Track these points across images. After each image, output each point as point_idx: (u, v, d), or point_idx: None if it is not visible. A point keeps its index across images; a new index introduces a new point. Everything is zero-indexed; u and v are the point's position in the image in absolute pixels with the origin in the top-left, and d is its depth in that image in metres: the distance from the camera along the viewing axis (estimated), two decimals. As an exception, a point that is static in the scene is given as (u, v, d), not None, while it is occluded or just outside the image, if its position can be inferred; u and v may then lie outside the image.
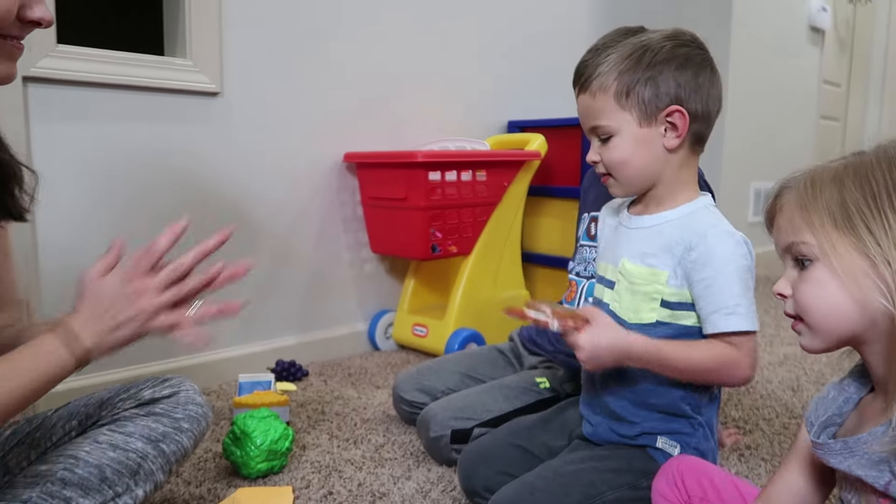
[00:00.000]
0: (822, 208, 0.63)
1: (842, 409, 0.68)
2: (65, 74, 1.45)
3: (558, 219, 2.21)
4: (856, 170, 0.62)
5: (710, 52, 0.99)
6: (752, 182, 3.68)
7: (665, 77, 0.93)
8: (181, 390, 0.98)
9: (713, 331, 0.92)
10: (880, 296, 0.60)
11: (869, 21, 4.54)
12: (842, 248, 0.61)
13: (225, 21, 1.69)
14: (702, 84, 0.95)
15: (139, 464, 0.88)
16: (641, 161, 0.96)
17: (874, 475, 0.60)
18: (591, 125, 0.98)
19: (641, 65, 0.93)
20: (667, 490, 0.82)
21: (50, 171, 1.45)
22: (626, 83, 0.93)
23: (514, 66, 2.43)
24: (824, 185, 0.63)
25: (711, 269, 0.91)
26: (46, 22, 0.75)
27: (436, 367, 1.46)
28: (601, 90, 0.95)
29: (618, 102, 0.94)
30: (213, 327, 0.88)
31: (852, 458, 0.62)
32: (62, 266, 1.49)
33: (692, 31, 0.99)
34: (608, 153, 0.97)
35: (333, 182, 1.97)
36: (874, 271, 0.60)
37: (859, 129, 4.68)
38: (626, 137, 0.95)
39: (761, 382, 1.76)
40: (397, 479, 1.22)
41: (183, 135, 1.66)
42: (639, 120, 0.94)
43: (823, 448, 0.65)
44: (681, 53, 0.94)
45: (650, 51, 0.93)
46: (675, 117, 0.94)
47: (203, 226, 1.70)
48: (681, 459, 0.86)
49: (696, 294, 0.93)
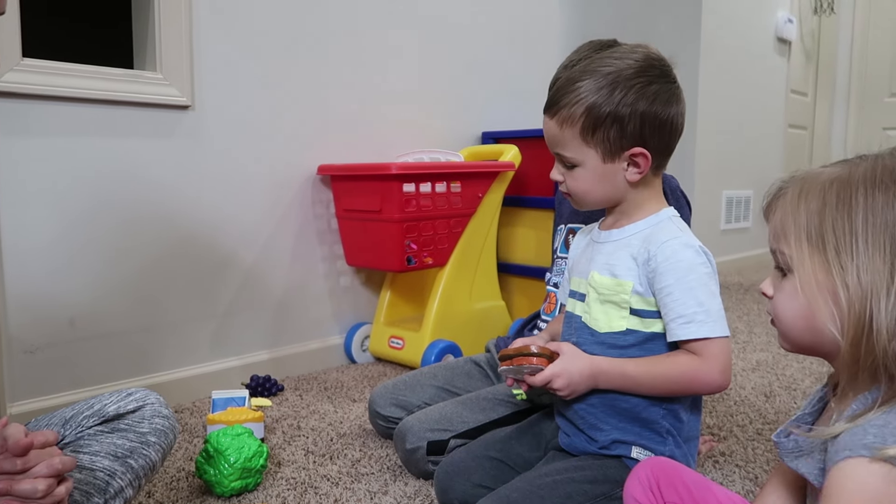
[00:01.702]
0: (802, 222, 0.64)
1: (814, 406, 0.70)
2: (31, 89, 1.43)
3: (533, 229, 2.22)
4: (840, 186, 0.62)
5: (680, 63, 1.01)
6: (724, 190, 3.73)
7: (632, 118, 0.94)
8: (146, 404, 0.97)
9: (672, 338, 0.94)
10: (831, 324, 0.61)
11: (833, 32, 4.66)
12: (810, 265, 0.62)
13: (196, 34, 1.68)
14: (666, 120, 0.97)
15: (107, 482, 0.87)
16: (603, 192, 1.00)
17: (815, 473, 0.62)
18: (555, 151, 1.02)
19: (610, 103, 0.94)
20: (640, 495, 0.82)
21: (16, 187, 1.44)
22: (593, 121, 0.95)
23: (487, 78, 2.44)
24: (810, 197, 0.64)
25: (670, 277, 0.93)
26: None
27: (411, 381, 1.45)
28: (569, 123, 0.97)
29: (583, 138, 0.96)
30: (187, 341, 0.85)
31: (797, 453, 0.64)
32: (27, 281, 1.47)
33: (659, 54, 1.00)
34: (572, 181, 1.01)
35: (307, 195, 1.96)
36: (833, 296, 0.61)
37: (826, 137, 4.79)
38: (590, 170, 0.98)
39: (735, 389, 1.78)
40: (374, 494, 1.21)
41: (154, 148, 1.64)
42: (602, 156, 0.97)
43: (780, 447, 0.67)
44: (650, 92, 0.95)
45: (619, 89, 0.94)
46: (638, 158, 0.97)
47: (177, 239, 1.69)
48: (653, 462, 0.86)
49: (658, 302, 0.96)
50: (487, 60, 2.44)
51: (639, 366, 0.95)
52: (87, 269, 1.55)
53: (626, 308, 0.97)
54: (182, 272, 1.72)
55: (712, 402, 1.67)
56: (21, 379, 1.47)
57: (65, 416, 0.94)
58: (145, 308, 1.65)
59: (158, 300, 1.68)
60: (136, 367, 1.64)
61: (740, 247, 3.91)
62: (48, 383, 1.51)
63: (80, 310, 1.55)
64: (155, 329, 1.67)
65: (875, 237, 0.59)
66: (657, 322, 0.97)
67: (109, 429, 0.92)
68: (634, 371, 0.95)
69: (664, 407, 0.99)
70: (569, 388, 0.96)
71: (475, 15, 2.38)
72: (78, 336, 1.55)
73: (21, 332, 1.47)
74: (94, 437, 0.91)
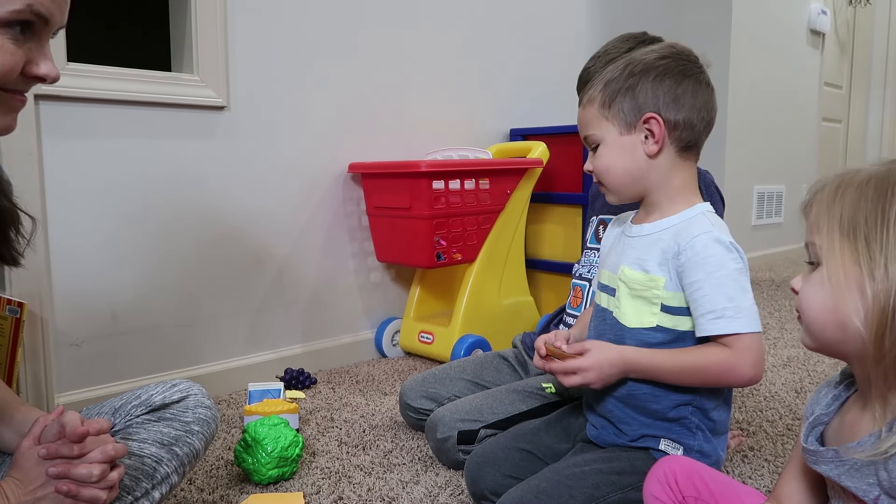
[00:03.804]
0: (836, 214, 0.63)
1: (829, 406, 0.69)
2: (75, 92, 1.48)
3: (561, 225, 2.24)
4: (878, 181, 0.62)
5: (710, 58, 1.04)
6: (755, 185, 3.69)
7: (643, 87, 0.99)
8: (190, 394, 1.01)
9: (702, 333, 0.94)
10: (856, 316, 0.60)
11: (869, 23, 4.56)
12: (840, 255, 0.62)
13: (231, 36, 1.72)
14: (681, 94, 0.99)
15: (154, 468, 0.91)
16: (624, 166, 1.01)
17: (864, 488, 0.60)
18: (583, 135, 1.06)
19: (622, 76, 1.00)
20: (659, 492, 0.83)
21: (62, 186, 1.50)
22: (609, 94, 1.01)
23: (515, 75, 2.46)
24: (847, 192, 0.64)
25: (699, 272, 0.94)
26: (51, 79, 0.75)
27: (441, 374, 1.48)
28: (589, 102, 1.03)
29: (602, 113, 1.01)
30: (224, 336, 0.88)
31: (842, 468, 0.62)
32: (75, 276, 1.53)
33: (686, 46, 1.04)
34: (596, 160, 1.04)
35: (339, 192, 2.00)
36: (859, 287, 0.60)
37: (861, 131, 4.69)
38: (610, 145, 1.02)
39: (765, 384, 1.77)
40: (406, 483, 1.24)
41: (192, 149, 1.69)
42: (619, 129, 1.01)
43: (815, 455, 0.66)
44: (661, 65, 0.99)
45: (632, 63, 1.00)
46: (651, 124, 0.99)
47: (214, 237, 1.74)
48: (671, 460, 0.87)
49: (687, 297, 0.96)
50: (515, 57, 2.46)
51: (668, 355, 0.96)
52: (130, 266, 1.61)
53: (658, 304, 0.98)
54: (219, 269, 1.77)
55: (742, 397, 1.67)
56: (67, 371, 1.53)
57: (114, 405, 0.99)
58: (184, 304, 1.71)
59: (196, 296, 1.73)
60: (175, 360, 1.70)
61: (772, 242, 3.86)
62: (92, 375, 1.57)
63: (123, 305, 1.61)
64: (193, 324, 1.73)
65: None
66: (686, 320, 0.97)
67: (156, 417, 0.96)
68: (663, 360, 0.96)
69: (694, 405, 0.99)
70: (600, 381, 0.97)
71: (502, 12, 2.40)
72: (120, 330, 1.61)
73: (67, 326, 1.53)
74: (142, 425, 0.95)
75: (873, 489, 0.60)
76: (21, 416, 0.88)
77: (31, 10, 0.69)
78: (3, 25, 0.69)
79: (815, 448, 0.66)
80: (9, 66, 0.70)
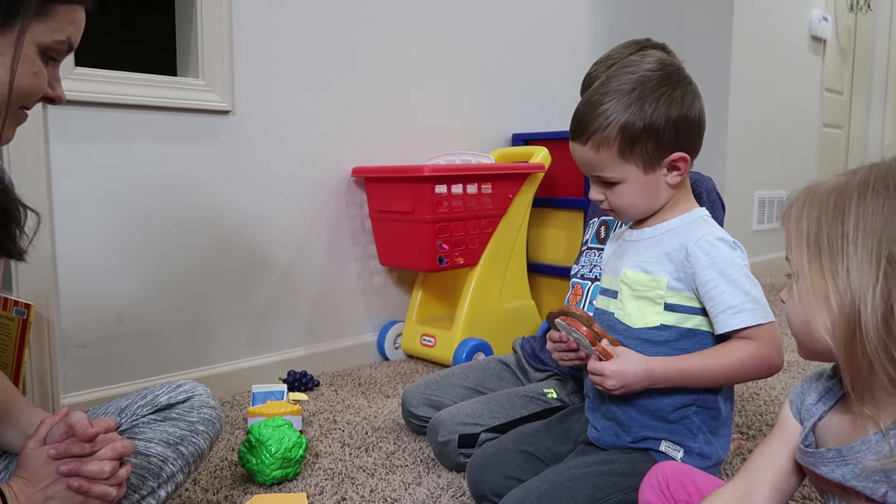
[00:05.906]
0: (803, 229, 0.64)
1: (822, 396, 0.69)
2: (82, 96, 1.50)
3: (563, 229, 2.25)
4: (838, 195, 0.63)
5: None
6: (756, 191, 3.70)
7: (667, 127, 0.96)
8: (195, 395, 1.02)
9: (724, 330, 0.95)
10: (824, 330, 0.62)
11: (870, 29, 4.58)
12: (809, 269, 0.63)
13: (236, 41, 1.74)
14: (694, 121, 0.99)
15: (160, 467, 0.93)
16: (648, 201, 1.01)
17: (871, 486, 0.61)
18: (595, 174, 1.02)
19: (643, 118, 0.95)
20: (653, 497, 0.84)
21: (69, 189, 1.52)
22: (630, 138, 0.96)
23: (517, 80, 2.47)
24: (812, 206, 0.65)
25: (712, 271, 0.95)
26: (60, 101, 0.82)
27: (443, 380, 1.49)
28: (605, 146, 0.97)
29: (622, 157, 0.97)
30: (227, 338, 0.89)
31: (846, 468, 0.63)
32: (81, 278, 1.54)
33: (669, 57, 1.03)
34: (615, 198, 1.01)
35: (342, 196, 2.01)
36: (826, 301, 0.61)
37: (862, 137, 4.71)
38: (633, 185, 0.99)
39: (764, 389, 1.78)
40: (408, 485, 1.25)
41: (197, 153, 1.71)
42: (643, 169, 0.98)
43: (814, 457, 0.66)
44: (677, 98, 0.97)
45: (648, 101, 0.95)
46: (678, 162, 0.98)
47: (218, 240, 1.76)
48: (663, 466, 0.89)
49: (702, 296, 0.97)
50: (517, 62, 2.47)
51: (697, 360, 0.96)
52: (135, 269, 1.63)
53: (661, 304, 0.99)
54: (223, 271, 1.78)
55: (742, 401, 1.68)
56: (73, 371, 1.55)
57: (120, 405, 1.00)
58: (188, 306, 1.72)
59: (201, 298, 1.75)
60: (179, 362, 1.71)
61: (772, 248, 3.86)
62: (98, 376, 1.58)
63: (128, 308, 1.62)
64: (197, 326, 1.74)
65: (865, 241, 0.60)
66: (693, 318, 0.99)
67: (161, 417, 0.98)
68: (692, 366, 0.96)
69: (697, 405, 1.01)
70: (623, 389, 0.97)
71: (505, 18, 2.41)
72: (126, 332, 1.62)
73: (73, 327, 1.55)
74: (148, 424, 0.96)
75: (881, 486, 0.60)
76: (26, 417, 0.89)
77: (68, 41, 0.78)
78: (43, 52, 0.75)
79: (814, 450, 0.66)
80: (42, 88, 0.77)
